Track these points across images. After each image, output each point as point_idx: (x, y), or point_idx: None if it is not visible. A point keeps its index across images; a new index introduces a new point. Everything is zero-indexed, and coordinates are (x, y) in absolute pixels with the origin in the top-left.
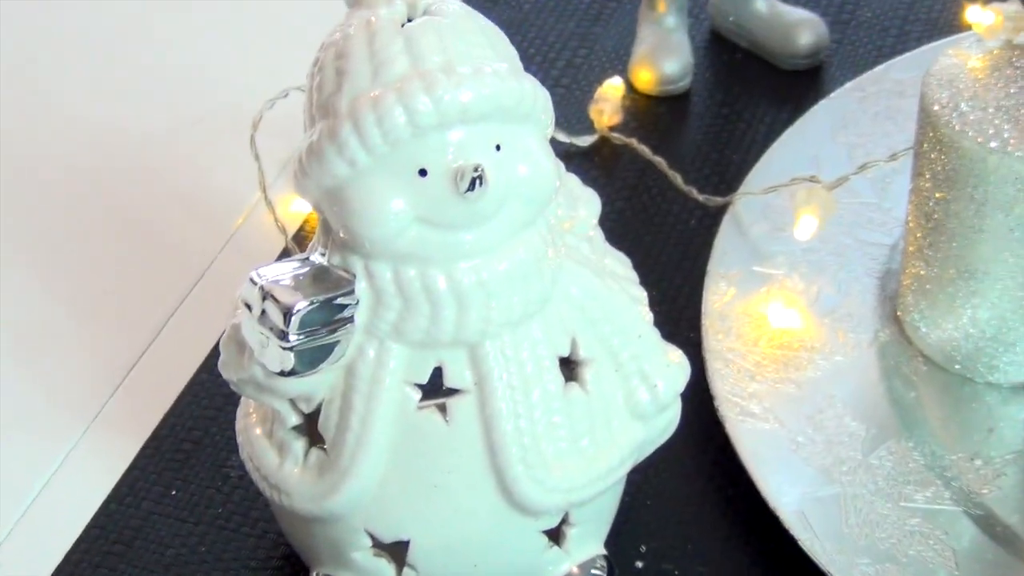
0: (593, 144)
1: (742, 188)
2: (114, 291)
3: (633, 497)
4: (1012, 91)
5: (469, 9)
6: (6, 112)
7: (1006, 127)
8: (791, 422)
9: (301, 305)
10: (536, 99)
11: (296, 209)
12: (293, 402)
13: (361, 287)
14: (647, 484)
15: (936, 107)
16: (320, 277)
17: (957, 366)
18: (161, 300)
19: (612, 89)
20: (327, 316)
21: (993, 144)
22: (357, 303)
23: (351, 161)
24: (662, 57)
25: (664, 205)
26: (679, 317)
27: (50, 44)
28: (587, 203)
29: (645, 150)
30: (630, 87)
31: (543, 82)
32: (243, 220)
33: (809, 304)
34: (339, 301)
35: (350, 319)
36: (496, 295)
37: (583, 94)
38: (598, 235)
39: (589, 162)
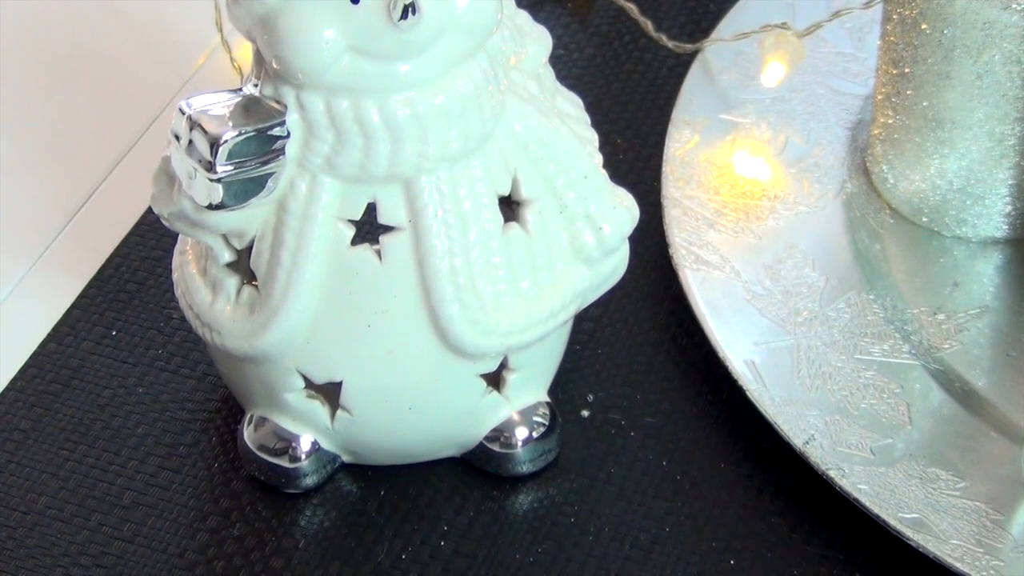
0: None
1: (713, 35)
2: (67, 128)
3: (584, 346)
4: None
5: None
6: None
7: None
8: (748, 272)
9: (229, 135)
10: None
11: None
12: (226, 238)
13: (293, 119)
14: (599, 333)
15: None
16: (251, 108)
17: (925, 219)
18: (115, 139)
19: None
20: (257, 148)
21: None
22: (288, 135)
23: None
24: None
25: (636, 53)
26: (644, 166)
27: None
28: (536, 39)
29: None
30: None
31: None
32: (204, 60)
33: (776, 153)
34: (270, 132)
35: (281, 151)
36: (432, 129)
37: None
38: (548, 73)
39: (561, 8)
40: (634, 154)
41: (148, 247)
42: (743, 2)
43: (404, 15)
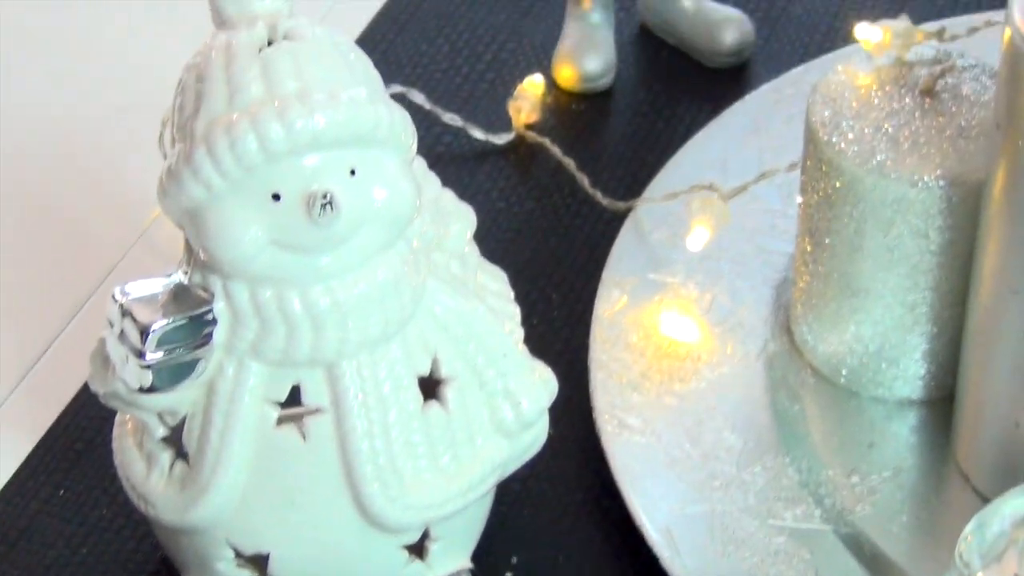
0: (510, 142)
1: (645, 194)
2: (21, 282)
3: (510, 507)
4: (895, 109)
5: (331, 33)
6: None
7: (885, 148)
8: (668, 436)
9: (158, 324)
10: (393, 124)
11: None
12: (160, 415)
13: (220, 307)
14: (526, 494)
15: (818, 125)
16: (180, 296)
17: (843, 379)
18: (68, 296)
19: (532, 86)
20: (186, 335)
21: (870, 165)
22: (215, 322)
23: (206, 185)
24: (584, 54)
25: (574, 207)
26: (577, 321)
27: None
28: (460, 219)
29: (556, 150)
30: (553, 84)
31: (467, 77)
32: (159, 213)
33: (702, 313)
34: (198, 320)
35: (209, 337)
36: (352, 316)
37: (505, 90)
38: (472, 250)
39: (504, 160)
40: (567, 310)
41: (96, 407)
42: (676, 159)
43: (322, 211)
